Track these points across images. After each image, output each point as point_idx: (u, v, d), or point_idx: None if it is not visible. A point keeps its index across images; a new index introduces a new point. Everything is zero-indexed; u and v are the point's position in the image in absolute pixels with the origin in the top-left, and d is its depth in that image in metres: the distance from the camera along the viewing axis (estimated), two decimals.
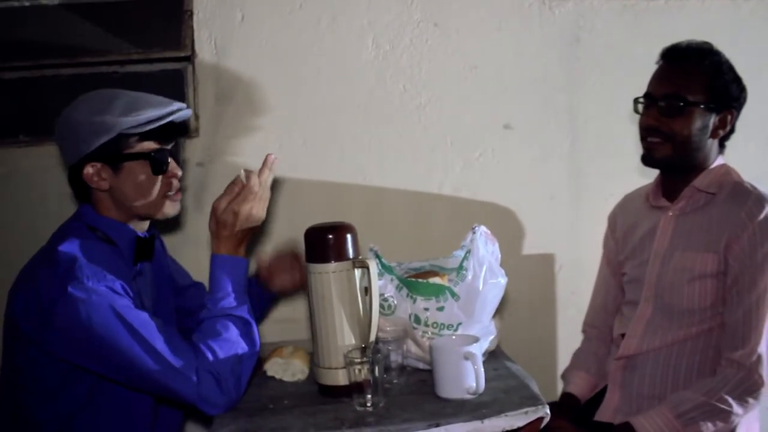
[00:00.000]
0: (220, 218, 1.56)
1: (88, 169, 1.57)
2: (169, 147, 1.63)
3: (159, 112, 1.58)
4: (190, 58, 2.19)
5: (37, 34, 2.17)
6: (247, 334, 1.54)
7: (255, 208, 1.57)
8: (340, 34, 2.22)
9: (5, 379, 1.59)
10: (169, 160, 1.62)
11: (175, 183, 1.64)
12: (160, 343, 1.45)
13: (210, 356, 1.47)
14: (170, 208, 1.65)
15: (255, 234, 1.70)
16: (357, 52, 2.22)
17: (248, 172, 1.56)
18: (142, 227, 1.67)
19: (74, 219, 1.64)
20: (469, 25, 2.25)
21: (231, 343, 1.51)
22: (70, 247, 1.51)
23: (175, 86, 2.18)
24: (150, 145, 1.59)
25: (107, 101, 1.59)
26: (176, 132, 1.68)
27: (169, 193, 1.63)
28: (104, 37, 2.17)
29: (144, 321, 1.46)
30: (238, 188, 1.56)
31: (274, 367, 1.72)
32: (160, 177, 1.60)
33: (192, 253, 2.12)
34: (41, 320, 1.45)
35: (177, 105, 1.62)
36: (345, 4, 2.21)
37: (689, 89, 1.72)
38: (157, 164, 1.59)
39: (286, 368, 1.71)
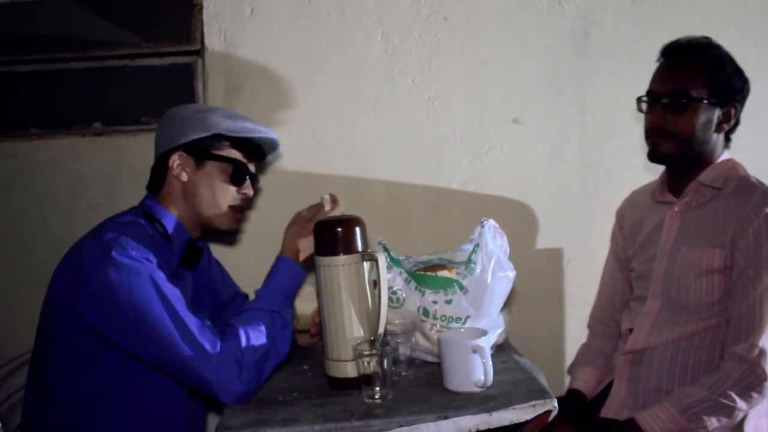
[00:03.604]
0: (303, 224, 1.65)
1: (175, 158, 1.66)
2: (251, 166, 1.73)
3: (255, 128, 1.70)
4: (199, 52, 2.20)
5: (48, 28, 2.19)
6: (282, 335, 1.57)
7: None
8: (349, 29, 2.22)
9: (34, 359, 1.63)
10: (248, 179, 1.71)
11: (244, 201, 1.73)
12: (190, 320, 1.47)
13: (243, 341, 1.49)
14: (229, 222, 1.72)
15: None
16: (366, 47, 2.23)
17: (332, 197, 1.70)
18: (196, 234, 1.72)
19: (135, 208, 1.69)
20: (478, 20, 2.25)
21: (264, 336, 1.53)
22: (118, 227, 1.57)
23: (184, 80, 2.20)
24: (237, 154, 1.69)
25: (210, 108, 1.73)
26: (261, 156, 1.79)
27: (235, 209, 1.71)
28: (114, 31, 2.19)
29: (178, 296, 1.49)
30: (322, 209, 1.67)
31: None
32: (233, 188, 1.68)
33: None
34: (78, 284, 1.48)
35: (272, 132, 1.76)
36: None
37: (691, 85, 1.72)
38: (237, 174, 1.68)
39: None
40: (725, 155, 1.80)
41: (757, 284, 1.65)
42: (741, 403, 1.61)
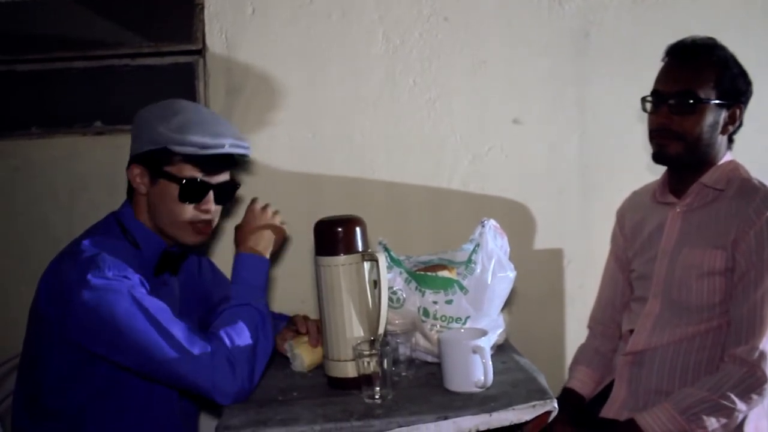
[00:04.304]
0: (246, 226, 1.64)
1: (134, 169, 1.61)
2: (213, 179, 1.62)
3: (206, 141, 1.55)
4: (201, 52, 2.20)
5: (49, 27, 2.19)
6: (262, 327, 1.56)
7: (269, 215, 1.67)
8: (350, 29, 2.22)
9: (23, 369, 1.62)
10: (208, 194, 1.61)
11: (205, 216, 1.63)
12: (176, 329, 1.46)
13: (228, 342, 1.48)
14: (192, 237, 1.64)
15: (282, 245, 1.75)
16: (367, 47, 2.23)
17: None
18: (170, 242, 1.68)
19: (111, 215, 1.68)
20: (479, 20, 2.25)
21: (247, 332, 1.53)
22: (95, 242, 1.55)
23: (185, 79, 2.20)
24: (189, 170, 1.58)
25: (171, 112, 1.59)
26: (227, 165, 1.66)
27: (197, 223, 1.63)
28: (116, 31, 2.19)
29: (161, 308, 1.49)
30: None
31: (286, 347, 1.74)
32: (189, 205, 1.60)
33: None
34: (63, 305, 1.48)
35: (231, 141, 1.59)
36: None
37: (699, 86, 1.71)
38: (186, 192, 1.59)
39: (292, 353, 1.73)
40: (728, 156, 1.80)
41: (758, 286, 1.65)
42: (741, 405, 1.61)
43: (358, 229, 1.57)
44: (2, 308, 2.21)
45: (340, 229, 1.55)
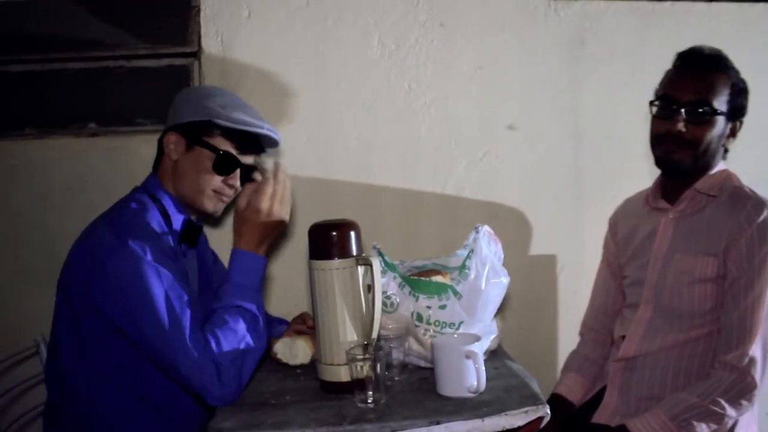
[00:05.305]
0: (243, 214, 1.62)
1: (170, 137, 1.69)
2: (244, 159, 1.71)
3: (249, 119, 1.69)
4: (196, 54, 2.20)
5: (45, 27, 2.18)
6: (254, 329, 1.56)
7: (276, 207, 1.62)
8: (345, 33, 2.23)
9: (54, 350, 1.65)
10: (236, 171, 1.70)
11: (228, 191, 1.72)
12: (184, 321, 1.48)
13: (214, 345, 1.48)
14: (212, 204, 1.72)
15: (280, 236, 1.73)
16: (362, 51, 2.23)
17: (264, 170, 1.67)
18: (192, 212, 1.75)
19: (140, 187, 1.72)
20: (474, 26, 2.25)
21: (237, 334, 1.53)
22: (132, 210, 1.62)
23: (181, 81, 2.20)
24: (226, 144, 1.69)
25: (216, 93, 1.74)
26: (259, 149, 1.78)
27: (219, 192, 1.71)
28: (111, 32, 2.19)
29: (179, 295, 1.51)
30: (255, 186, 1.64)
31: (282, 348, 1.75)
32: (218, 177, 1.69)
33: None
34: (93, 269, 1.51)
35: (269, 126, 1.74)
36: (351, 2, 2.22)
37: (715, 97, 1.72)
38: (221, 164, 1.68)
39: (291, 347, 1.74)
40: (721, 165, 1.82)
41: (748, 293, 1.66)
42: (731, 411, 1.62)
43: (352, 233, 1.57)
44: (1, 308, 2.21)
45: (334, 233, 1.55)
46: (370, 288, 1.55)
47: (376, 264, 1.52)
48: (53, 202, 2.20)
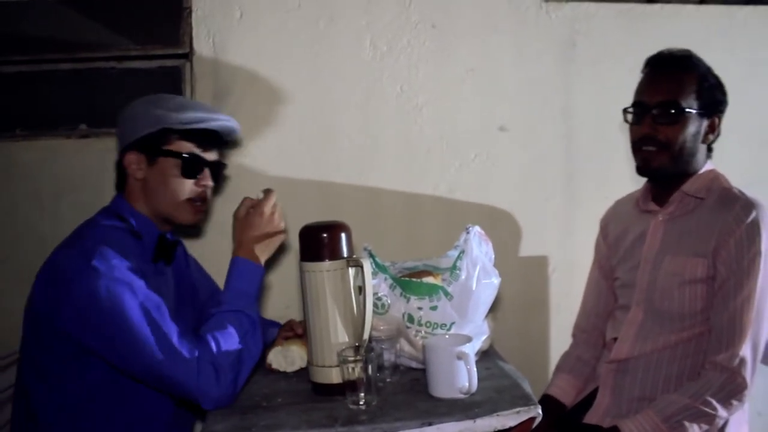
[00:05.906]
0: (242, 222, 1.63)
1: (129, 157, 1.65)
2: (208, 156, 1.69)
3: (202, 116, 1.65)
4: (188, 55, 2.20)
5: (36, 28, 2.18)
6: (252, 334, 1.56)
7: (276, 216, 1.65)
8: (337, 35, 2.23)
9: (20, 371, 1.62)
10: (205, 170, 1.68)
11: (203, 192, 1.69)
12: (169, 327, 1.46)
13: (213, 347, 1.48)
14: (189, 215, 1.69)
15: (279, 249, 1.74)
16: (354, 53, 2.23)
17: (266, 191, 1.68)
18: (166, 228, 1.71)
19: (105, 210, 1.69)
20: (466, 28, 2.26)
21: (235, 338, 1.52)
22: (96, 232, 1.58)
23: (172, 83, 2.19)
24: (188, 146, 1.65)
25: (165, 99, 1.68)
26: (220, 143, 1.74)
27: (195, 201, 1.68)
28: (103, 33, 2.19)
29: (158, 304, 1.49)
30: (255, 201, 1.66)
31: (277, 357, 1.74)
32: (189, 181, 1.66)
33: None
34: (58, 295, 1.48)
35: (224, 116, 1.70)
36: (343, 4, 2.22)
37: (682, 96, 1.73)
38: (188, 167, 1.65)
39: (286, 355, 1.73)
40: (708, 165, 1.82)
41: (738, 294, 1.67)
42: (722, 411, 1.63)
43: (343, 235, 1.57)
44: None
45: (325, 235, 1.55)
46: (361, 290, 1.55)
47: (367, 266, 1.52)
48: (44, 203, 2.19)
